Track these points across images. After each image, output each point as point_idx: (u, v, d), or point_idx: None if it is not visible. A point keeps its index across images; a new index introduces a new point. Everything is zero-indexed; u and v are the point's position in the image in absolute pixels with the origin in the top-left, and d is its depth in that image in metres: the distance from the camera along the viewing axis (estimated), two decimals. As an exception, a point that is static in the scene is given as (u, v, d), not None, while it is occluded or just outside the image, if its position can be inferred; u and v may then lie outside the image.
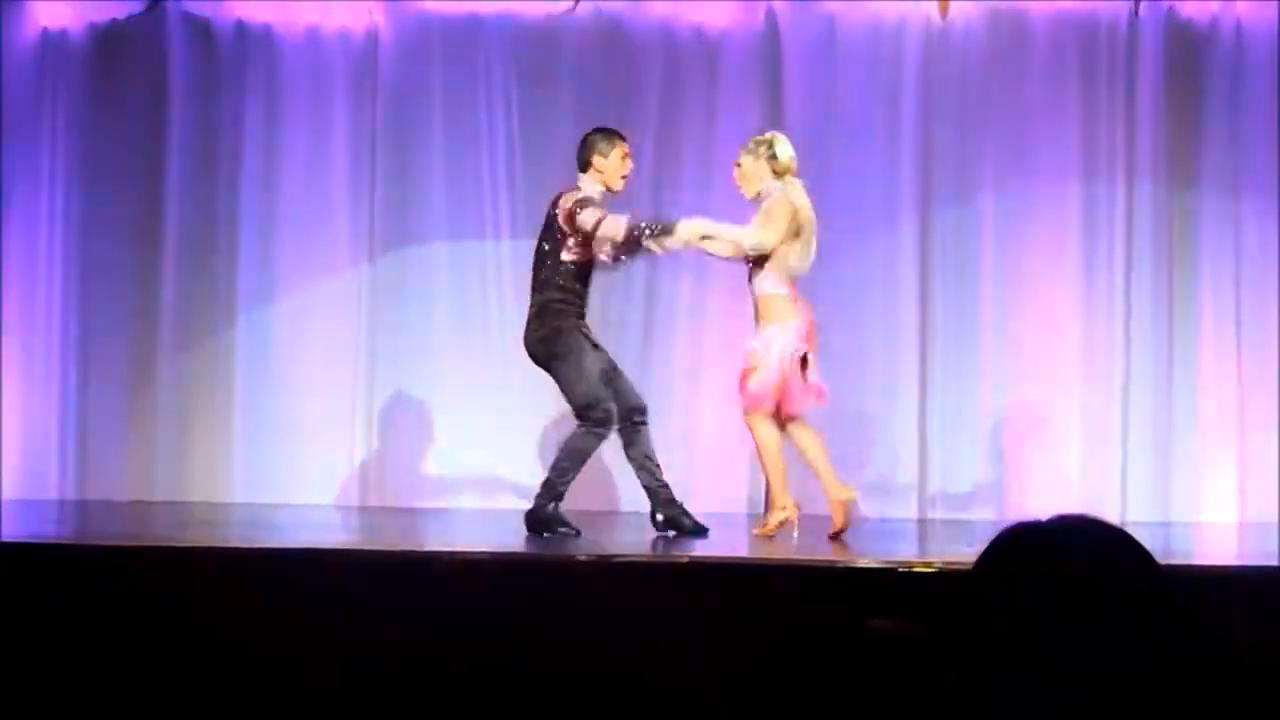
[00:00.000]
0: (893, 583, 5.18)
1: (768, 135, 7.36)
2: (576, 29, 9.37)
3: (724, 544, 7.31)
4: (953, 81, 9.21)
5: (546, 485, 7.17)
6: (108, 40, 9.47)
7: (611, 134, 7.38)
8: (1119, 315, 9.05)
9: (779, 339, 7.08)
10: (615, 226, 7.12)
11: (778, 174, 7.23)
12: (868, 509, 8.89)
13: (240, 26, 9.47)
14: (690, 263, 9.30)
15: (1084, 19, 9.17)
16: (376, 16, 9.45)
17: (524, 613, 5.10)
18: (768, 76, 9.28)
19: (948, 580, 4.85)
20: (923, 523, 8.87)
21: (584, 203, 7.16)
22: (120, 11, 9.45)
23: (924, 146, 9.20)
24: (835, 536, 7.04)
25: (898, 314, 9.18)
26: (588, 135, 7.41)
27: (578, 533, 6.98)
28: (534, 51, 9.36)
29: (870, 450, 9.11)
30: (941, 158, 9.18)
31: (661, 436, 9.54)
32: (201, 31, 9.47)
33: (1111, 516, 1.75)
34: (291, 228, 9.39)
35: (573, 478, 7.13)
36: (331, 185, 9.33)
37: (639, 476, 7.27)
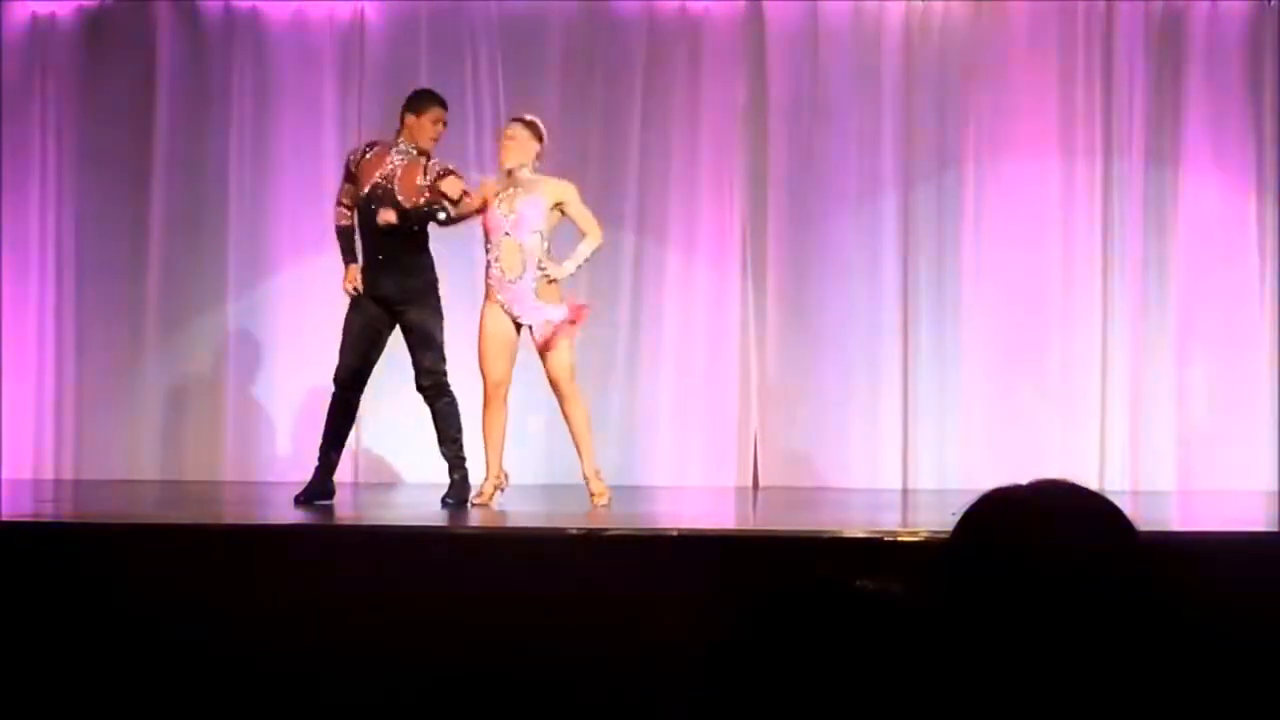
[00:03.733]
0: (878, 551, 5.27)
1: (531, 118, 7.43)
2: (562, 10, 9.43)
3: (716, 516, 7.44)
4: (933, 57, 9.29)
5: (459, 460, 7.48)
6: (97, 24, 9.51)
7: (427, 96, 7.51)
8: (1097, 288, 9.16)
9: None
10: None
11: (539, 158, 7.36)
12: (854, 480, 9.01)
13: (228, 10, 9.51)
14: (678, 238, 9.38)
15: (1063, -5, 9.27)
16: (363, -1, 9.52)
17: (526, 585, 5.18)
18: (751, 54, 9.35)
19: (931, 548, 4.93)
20: (906, 493, 8.97)
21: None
22: (109, -5, 9.52)
23: (905, 122, 9.28)
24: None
25: (880, 286, 9.26)
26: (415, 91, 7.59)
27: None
28: (520, 33, 9.40)
29: (854, 421, 9.21)
30: (923, 133, 9.26)
31: (652, 413, 9.64)
32: (189, 15, 9.51)
33: (1089, 484, 1.77)
34: (280, 209, 9.45)
35: None
36: (320, 167, 9.37)
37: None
